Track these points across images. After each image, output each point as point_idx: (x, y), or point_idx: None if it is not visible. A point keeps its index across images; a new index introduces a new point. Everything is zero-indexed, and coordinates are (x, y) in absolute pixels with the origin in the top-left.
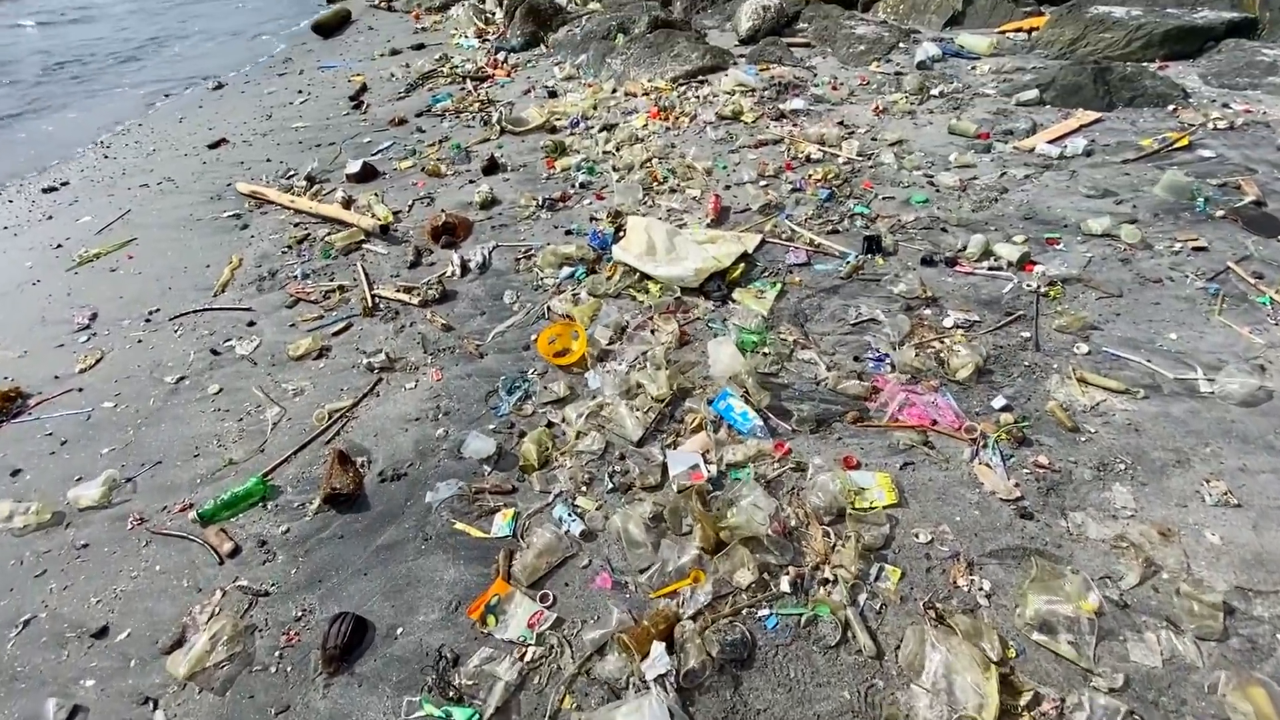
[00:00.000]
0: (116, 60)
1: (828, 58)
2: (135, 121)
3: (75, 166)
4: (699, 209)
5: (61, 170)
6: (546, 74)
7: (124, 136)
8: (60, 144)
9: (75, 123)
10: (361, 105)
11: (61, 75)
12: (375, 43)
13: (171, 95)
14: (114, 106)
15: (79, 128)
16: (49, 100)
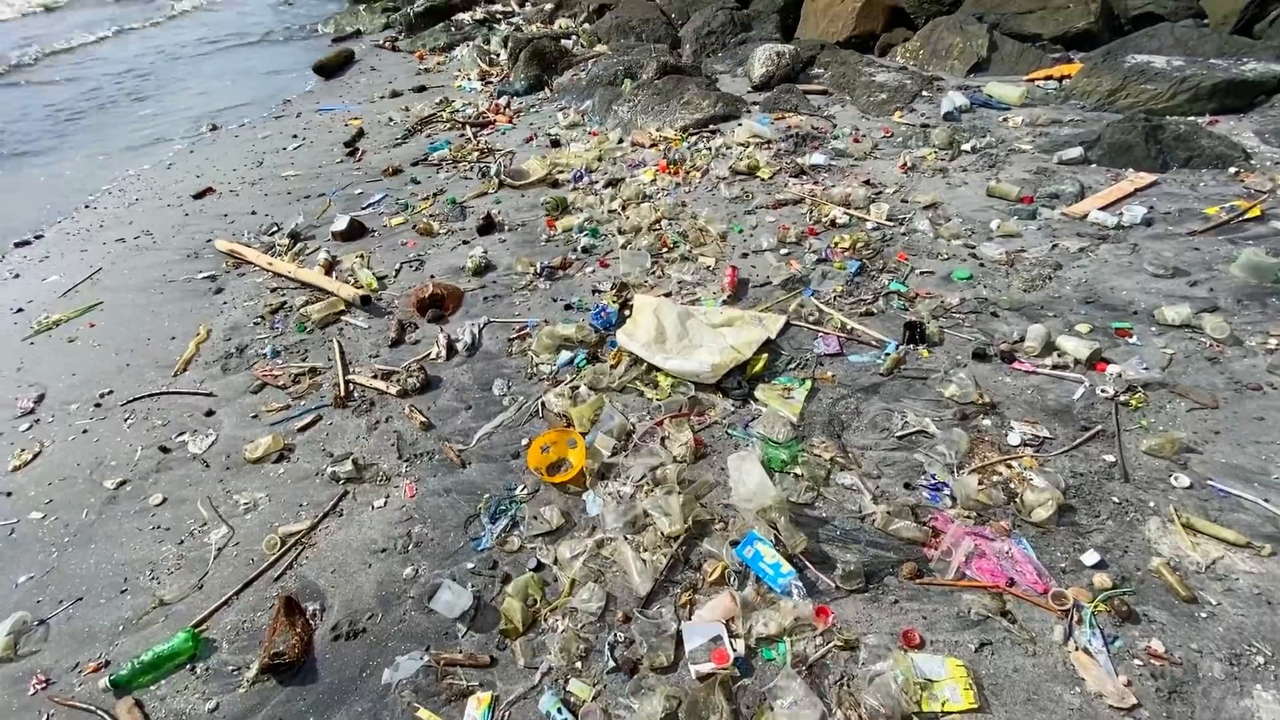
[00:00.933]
0: (113, 102)
1: (847, 106)
2: (124, 170)
3: (50, 215)
4: (713, 281)
5: (38, 220)
6: (550, 120)
7: (109, 183)
8: (43, 191)
9: (60, 169)
10: (356, 152)
11: (58, 116)
12: (377, 84)
13: (162, 140)
14: (104, 151)
15: (64, 175)
16: (38, 144)
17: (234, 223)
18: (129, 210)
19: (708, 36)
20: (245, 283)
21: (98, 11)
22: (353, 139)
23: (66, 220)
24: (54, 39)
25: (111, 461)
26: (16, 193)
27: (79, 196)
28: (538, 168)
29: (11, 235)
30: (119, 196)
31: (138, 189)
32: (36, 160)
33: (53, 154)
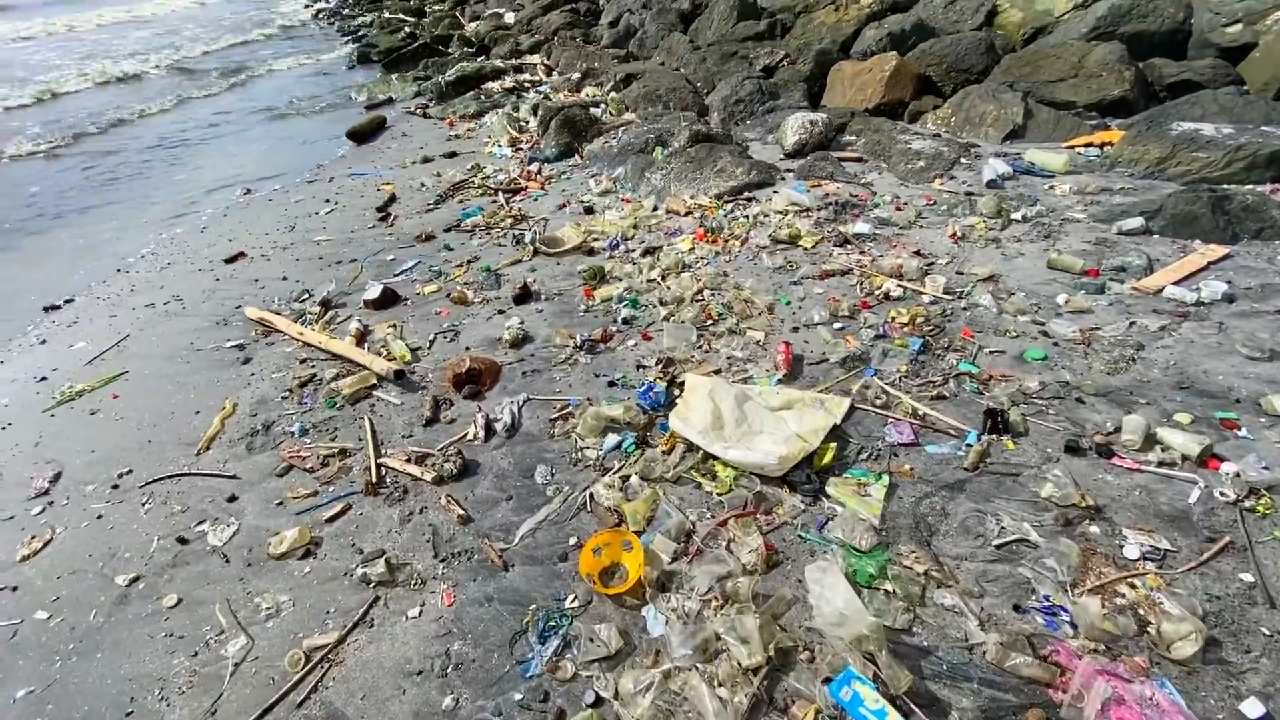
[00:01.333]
0: (151, 167)
1: (884, 173)
2: (157, 232)
3: (85, 279)
4: (765, 357)
5: (69, 283)
6: (582, 187)
7: (141, 245)
8: (76, 253)
9: (98, 233)
10: (388, 217)
11: (96, 178)
12: (408, 149)
13: (198, 203)
14: (140, 214)
15: (100, 236)
16: (77, 208)
17: (264, 288)
18: (160, 275)
19: (736, 105)
20: (274, 352)
21: (168, 82)
22: (385, 204)
23: (98, 284)
24: (121, 109)
25: (125, 553)
26: (52, 256)
27: (112, 260)
28: (573, 235)
29: (43, 299)
30: (151, 260)
31: (170, 253)
32: (74, 224)
33: (91, 217)
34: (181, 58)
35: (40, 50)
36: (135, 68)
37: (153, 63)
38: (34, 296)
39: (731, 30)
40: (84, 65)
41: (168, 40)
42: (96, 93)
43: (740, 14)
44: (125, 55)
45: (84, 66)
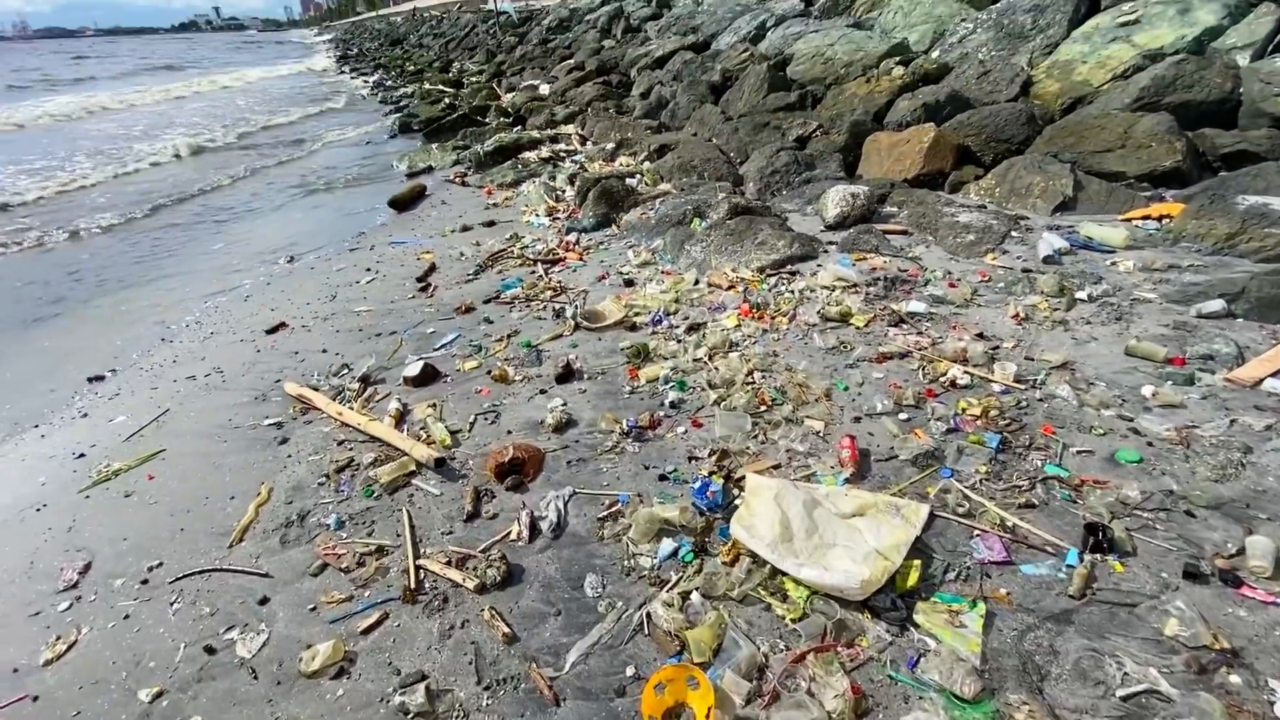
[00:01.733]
0: (202, 237)
1: (931, 247)
2: (202, 301)
3: (130, 349)
4: (827, 451)
5: (115, 353)
6: (620, 258)
7: (186, 314)
8: (123, 322)
9: (144, 300)
10: (428, 288)
11: (148, 249)
12: (447, 218)
13: (243, 271)
14: (187, 283)
15: (147, 305)
16: (128, 277)
17: (304, 361)
18: (203, 345)
19: (772, 176)
20: (312, 432)
21: (223, 157)
22: (424, 274)
23: (142, 354)
24: (193, 184)
25: (150, 662)
26: (100, 325)
27: (157, 330)
28: (614, 309)
29: (89, 368)
30: (195, 330)
31: (214, 322)
32: (122, 293)
33: (140, 287)
34: (241, 133)
35: (104, 123)
36: (193, 142)
37: (208, 138)
38: (78, 368)
39: (762, 101)
40: (145, 140)
41: (226, 114)
42: (154, 170)
43: (771, 86)
44: (183, 129)
45: (145, 141)
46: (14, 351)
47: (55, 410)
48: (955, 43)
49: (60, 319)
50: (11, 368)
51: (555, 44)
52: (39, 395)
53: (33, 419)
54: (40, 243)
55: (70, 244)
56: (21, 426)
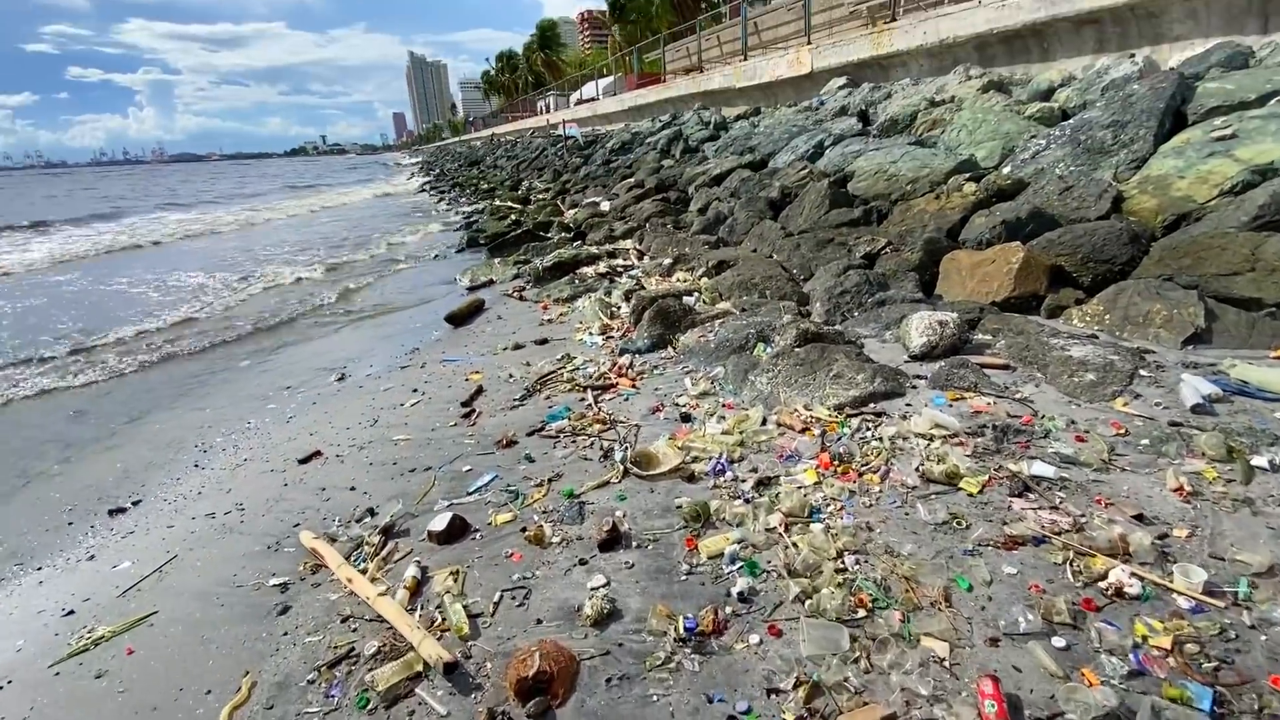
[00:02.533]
0: (258, 353)
1: (1041, 386)
2: (245, 421)
3: (161, 474)
4: (962, 695)
5: (145, 480)
6: (677, 386)
7: (225, 437)
8: (163, 442)
9: (190, 421)
10: (472, 414)
11: (202, 360)
12: (501, 334)
13: (294, 388)
14: (235, 400)
15: (192, 423)
16: (177, 387)
17: (329, 500)
18: (232, 474)
19: (841, 296)
20: (317, 600)
21: (319, 275)
22: (470, 398)
23: (171, 481)
24: (270, 306)
25: None
26: (143, 445)
27: (195, 453)
28: (669, 453)
29: (117, 495)
30: (230, 454)
31: (250, 445)
32: (174, 409)
33: (192, 401)
34: (321, 253)
35: (220, 243)
36: (279, 271)
37: (289, 258)
38: (104, 494)
39: (824, 217)
40: (229, 266)
41: (311, 235)
42: (231, 295)
43: (832, 202)
44: (268, 254)
45: (229, 268)
46: (51, 472)
47: (65, 549)
48: (1028, 159)
49: (111, 438)
50: (42, 490)
51: (617, 164)
52: (56, 527)
53: (41, 557)
54: (109, 370)
55: (134, 360)
56: (25, 567)
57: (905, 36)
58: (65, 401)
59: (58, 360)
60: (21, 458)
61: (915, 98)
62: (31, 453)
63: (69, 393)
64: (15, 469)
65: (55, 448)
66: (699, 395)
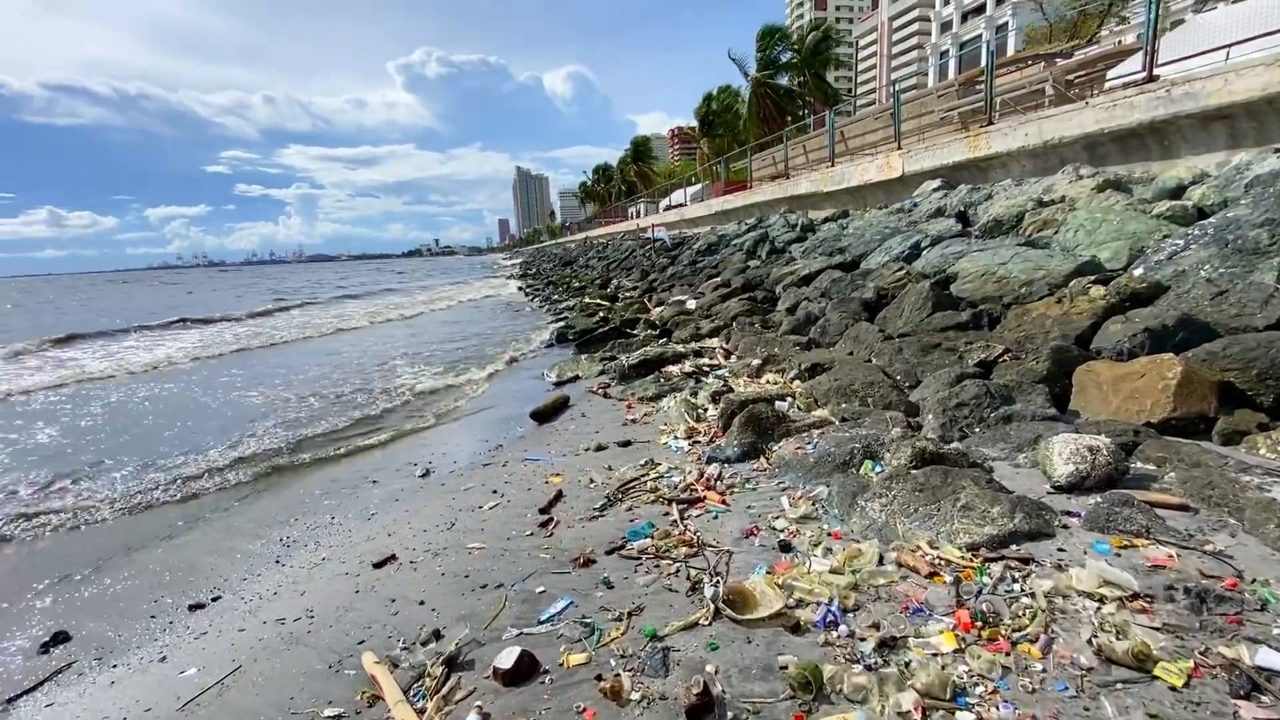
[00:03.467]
0: (353, 439)
1: (1237, 536)
2: (330, 515)
3: (245, 569)
4: None
5: (226, 575)
6: (772, 504)
7: (310, 531)
8: (250, 533)
9: (276, 511)
10: (550, 522)
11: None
12: (584, 433)
13: (380, 483)
14: (327, 491)
15: (276, 518)
16: (276, 477)
17: (397, 614)
18: (309, 574)
19: (958, 409)
20: None
21: (413, 368)
22: (549, 504)
23: (251, 578)
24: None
25: None
26: (235, 536)
27: (277, 549)
28: (769, 593)
29: (204, 587)
30: (310, 551)
31: (330, 543)
32: (267, 499)
33: (282, 492)
34: (421, 350)
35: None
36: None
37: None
38: (192, 587)
39: (927, 320)
40: (339, 368)
41: (415, 336)
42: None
43: (935, 304)
44: (382, 351)
45: (338, 370)
46: (149, 560)
47: (140, 645)
48: (1163, 260)
49: (204, 524)
50: (135, 579)
51: (703, 264)
52: (137, 622)
53: (115, 655)
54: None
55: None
56: (99, 665)
57: (1004, 139)
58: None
59: (214, 454)
60: (130, 534)
61: (1020, 198)
62: (139, 529)
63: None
64: (122, 543)
65: (162, 526)
66: (799, 519)
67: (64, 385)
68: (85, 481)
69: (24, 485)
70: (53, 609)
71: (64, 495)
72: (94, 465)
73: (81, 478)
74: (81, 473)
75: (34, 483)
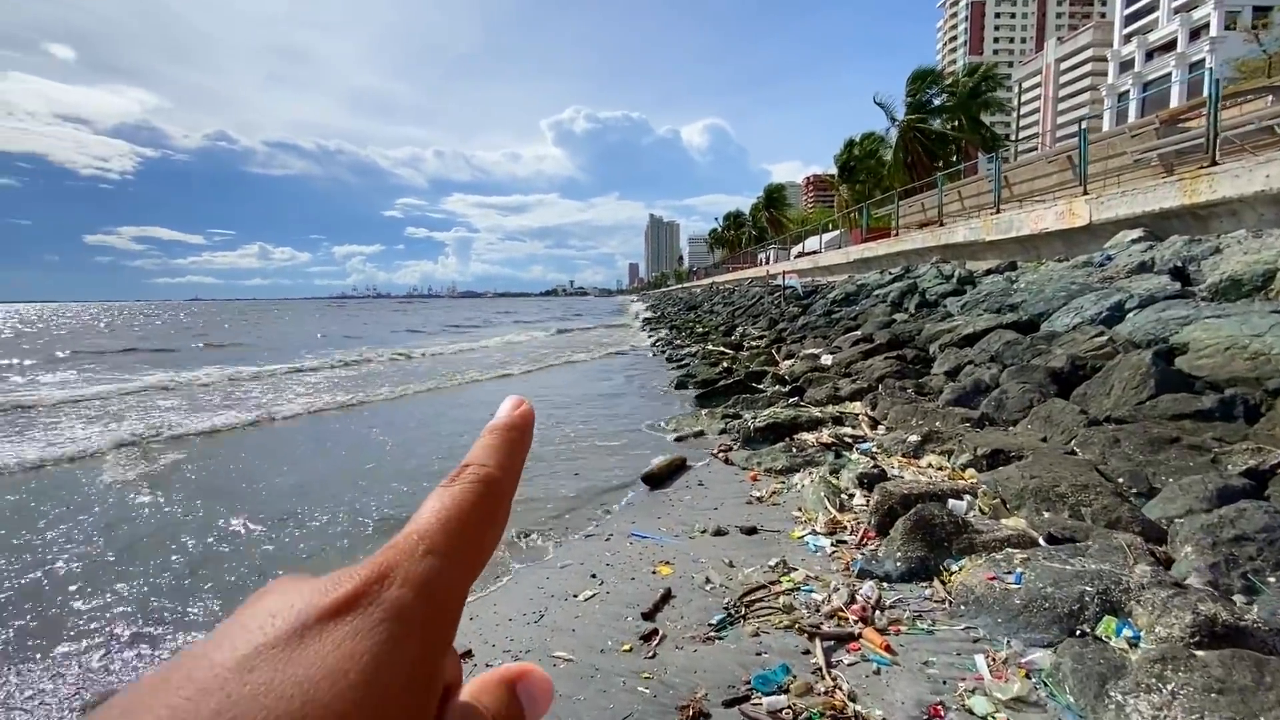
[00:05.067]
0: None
1: None
2: None
3: None
4: None
5: None
6: (961, 667)
7: None
8: None
9: None
10: (654, 636)
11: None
12: (700, 508)
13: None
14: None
15: None
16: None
17: None
18: None
19: (1235, 545)
20: None
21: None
22: (654, 607)
23: None
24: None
25: None
26: None
27: None
28: None
29: None
30: None
31: None
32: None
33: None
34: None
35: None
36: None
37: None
38: None
39: (1148, 404)
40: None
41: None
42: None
43: (1160, 382)
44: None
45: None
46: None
47: None
48: None
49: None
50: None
51: (840, 315)
52: None
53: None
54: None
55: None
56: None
57: (1235, 181)
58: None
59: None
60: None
61: (1267, 253)
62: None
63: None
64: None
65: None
66: (1012, 702)
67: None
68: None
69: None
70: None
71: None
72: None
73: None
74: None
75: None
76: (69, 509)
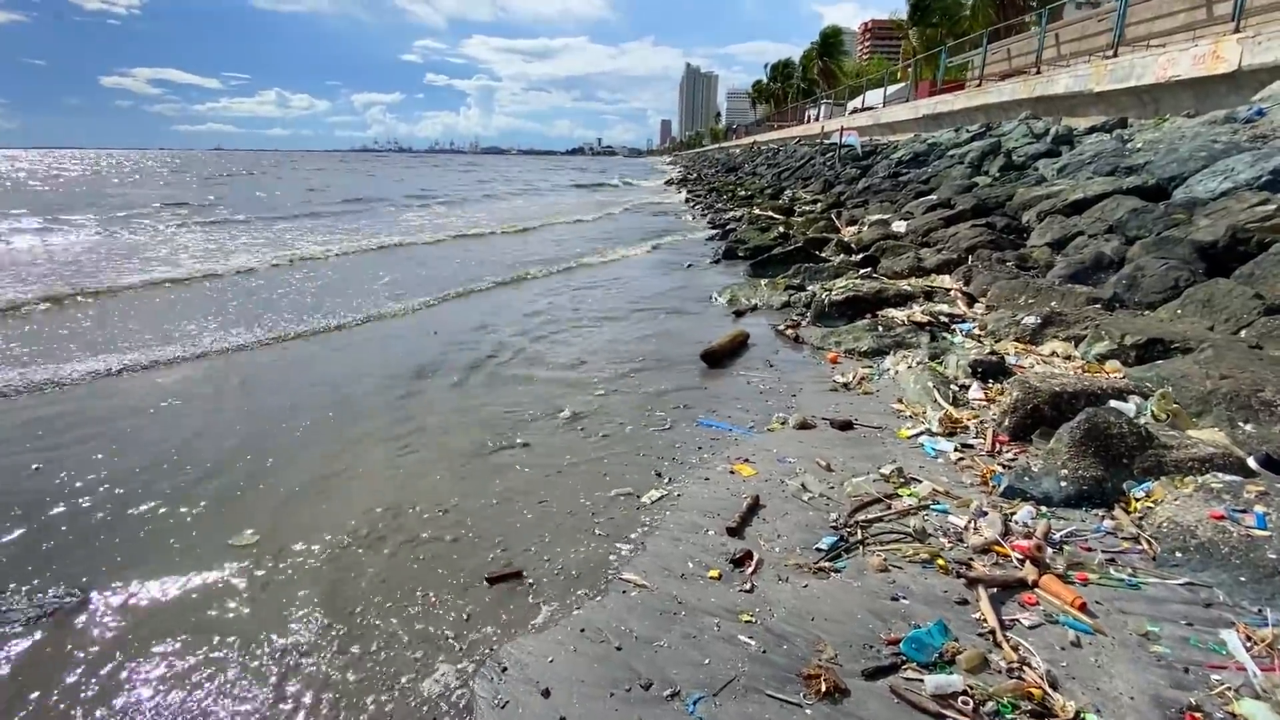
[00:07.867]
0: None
1: None
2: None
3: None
4: None
5: None
6: (1195, 640)
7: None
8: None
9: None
10: (747, 560)
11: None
12: (775, 395)
13: (522, 421)
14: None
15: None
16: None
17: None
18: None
19: None
20: None
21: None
22: (741, 520)
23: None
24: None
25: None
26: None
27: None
28: None
29: None
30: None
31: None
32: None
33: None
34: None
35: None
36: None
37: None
38: None
39: None
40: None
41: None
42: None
43: None
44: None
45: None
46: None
47: None
48: None
49: None
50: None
51: (908, 177)
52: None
53: None
54: None
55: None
56: None
57: None
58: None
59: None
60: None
61: None
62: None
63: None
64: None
65: None
66: (1271, 689)
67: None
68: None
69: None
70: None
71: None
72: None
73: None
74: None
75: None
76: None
